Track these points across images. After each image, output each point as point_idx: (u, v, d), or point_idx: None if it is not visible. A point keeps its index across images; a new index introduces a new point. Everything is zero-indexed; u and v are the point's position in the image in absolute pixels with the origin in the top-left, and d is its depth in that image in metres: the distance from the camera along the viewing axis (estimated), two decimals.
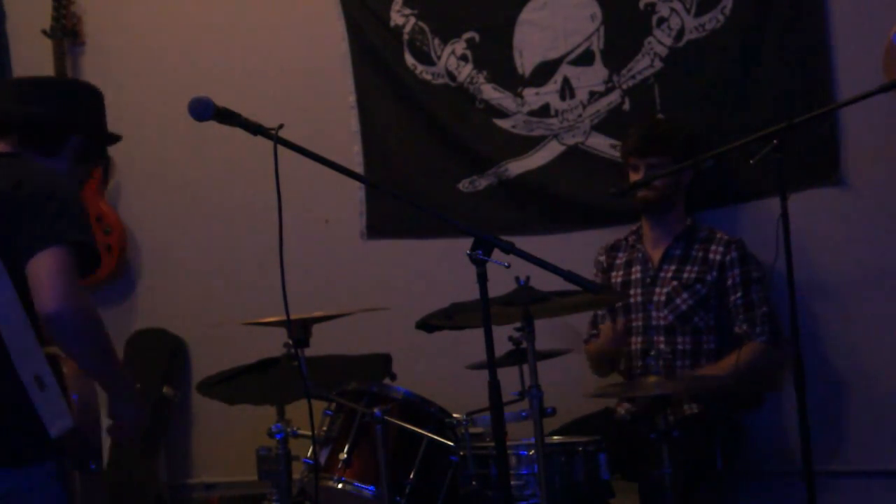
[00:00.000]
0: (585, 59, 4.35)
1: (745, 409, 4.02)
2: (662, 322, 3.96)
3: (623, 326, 3.98)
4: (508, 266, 2.63)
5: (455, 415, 3.40)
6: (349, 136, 4.72)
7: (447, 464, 3.38)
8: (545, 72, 4.41)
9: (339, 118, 4.73)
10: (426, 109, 4.60)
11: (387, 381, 3.74)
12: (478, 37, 4.50)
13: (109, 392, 2.75)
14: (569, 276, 2.62)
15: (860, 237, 4.01)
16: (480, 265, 2.61)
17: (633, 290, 4.03)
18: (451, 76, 4.54)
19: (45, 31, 5.11)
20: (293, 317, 2.73)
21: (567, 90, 4.38)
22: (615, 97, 4.31)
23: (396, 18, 4.61)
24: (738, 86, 4.11)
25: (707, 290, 3.92)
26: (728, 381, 3.76)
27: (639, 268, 4.05)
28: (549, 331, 3.84)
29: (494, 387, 2.66)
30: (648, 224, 4.08)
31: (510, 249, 2.61)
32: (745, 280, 3.91)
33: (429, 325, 3.46)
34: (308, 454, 3.48)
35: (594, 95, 4.34)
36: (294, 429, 3.51)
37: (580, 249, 4.22)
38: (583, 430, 3.70)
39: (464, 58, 4.51)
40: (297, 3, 4.87)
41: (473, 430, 3.37)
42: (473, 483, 3.27)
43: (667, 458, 3.24)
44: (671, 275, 3.98)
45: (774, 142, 3.37)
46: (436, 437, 3.40)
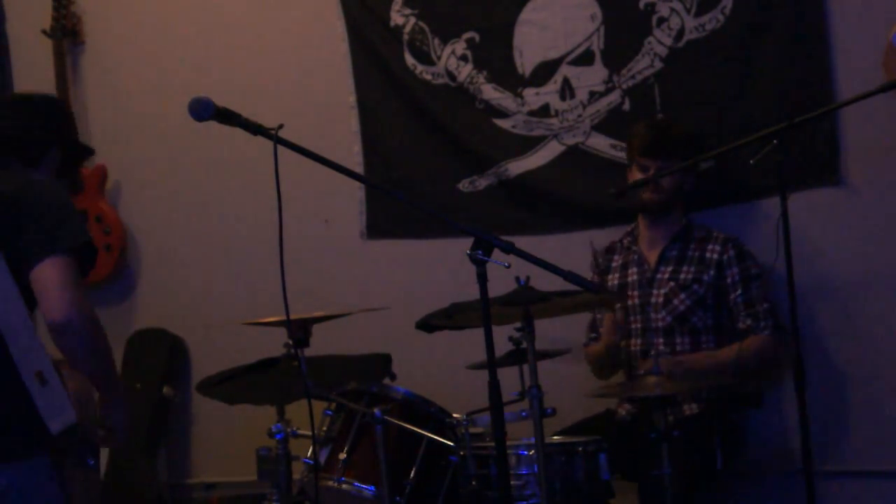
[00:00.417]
0: (585, 59, 4.35)
1: (745, 409, 4.02)
2: (661, 323, 3.96)
3: (623, 316, 3.95)
4: (508, 266, 2.63)
5: (455, 415, 3.40)
6: (349, 136, 4.72)
7: (447, 464, 3.38)
8: (545, 72, 4.41)
9: (339, 118, 4.73)
10: (426, 109, 4.60)
11: (387, 381, 3.74)
12: (478, 37, 4.50)
13: (106, 397, 2.80)
14: (569, 276, 2.62)
15: (860, 237, 4.01)
16: (480, 265, 2.61)
17: (631, 293, 4.02)
18: (451, 76, 4.54)
19: (45, 31, 5.11)
20: (293, 317, 2.74)
21: (567, 90, 4.38)
22: (615, 97, 4.31)
23: (396, 18, 4.61)
24: (738, 86, 4.11)
25: (704, 290, 3.92)
26: (730, 372, 3.76)
27: (635, 270, 4.05)
28: (549, 331, 3.84)
29: (494, 387, 2.66)
30: (645, 225, 4.08)
31: (510, 249, 2.61)
32: (745, 277, 3.91)
33: (429, 325, 3.46)
34: (308, 454, 3.49)
35: (594, 95, 4.34)
36: (294, 429, 3.52)
37: (580, 249, 4.22)
38: (583, 432, 3.70)
39: (464, 58, 4.51)
40: (297, 3, 4.87)
41: (473, 430, 3.37)
42: (473, 483, 3.27)
43: (667, 458, 3.24)
44: (668, 276, 3.98)
45: (774, 142, 3.37)
46: (436, 437, 3.40)
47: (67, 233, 2.66)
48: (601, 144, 4.33)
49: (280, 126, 2.58)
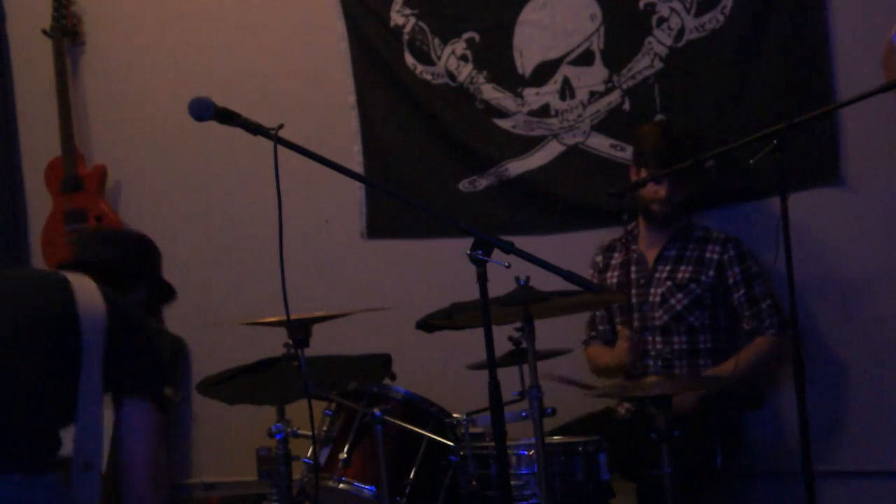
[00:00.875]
0: (585, 59, 4.35)
1: (745, 409, 4.02)
2: (658, 322, 3.96)
3: (637, 340, 3.94)
4: (508, 266, 2.63)
5: (455, 415, 3.40)
6: (349, 136, 4.72)
7: (447, 464, 3.38)
8: (545, 72, 4.41)
9: (339, 118, 4.73)
10: (426, 109, 4.60)
11: (387, 381, 3.74)
12: (478, 37, 4.50)
13: None
14: (569, 276, 2.62)
15: (860, 237, 4.01)
16: (480, 265, 2.61)
17: (629, 291, 4.02)
18: (451, 76, 4.54)
19: (45, 31, 5.11)
20: (293, 317, 2.74)
21: (567, 90, 4.38)
22: (615, 97, 4.31)
23: (396, 18, 4.61)
24: (738, 86, 4.11)
25: (702, 290, 3.93)
26: (734, 379, 3.76)
27: (634, 268, 4.05)
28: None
29: (494, 387, 2.65)
30: (645, 224, 4.08)
31: (510, 249, 2.61)
32: (746, 276, 3.92)
33: (429, 325, 3.46)
34: (308, 454, 3.48)
35: (594, 95, 4.34)
36: (294, 429, 3.52)
37: (580, 249, 4.22)
38: (583, 430, 3.70)
39: (464, 58, 4.51)
40: (297, 3, 4.87)
41: (473, 430, 3.37)
42: (473, 483, 3.27)
43: (667, 458, 3.24)
44: (665, 275, 3.98)
45: (774, 142, 3.36)
46: (436, 437, 3.40)
47: (158, 383, 2.86)
48: (601, 144, 4.34)
49: (280, 126, 2.58)
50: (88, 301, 2.72)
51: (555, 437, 3.58)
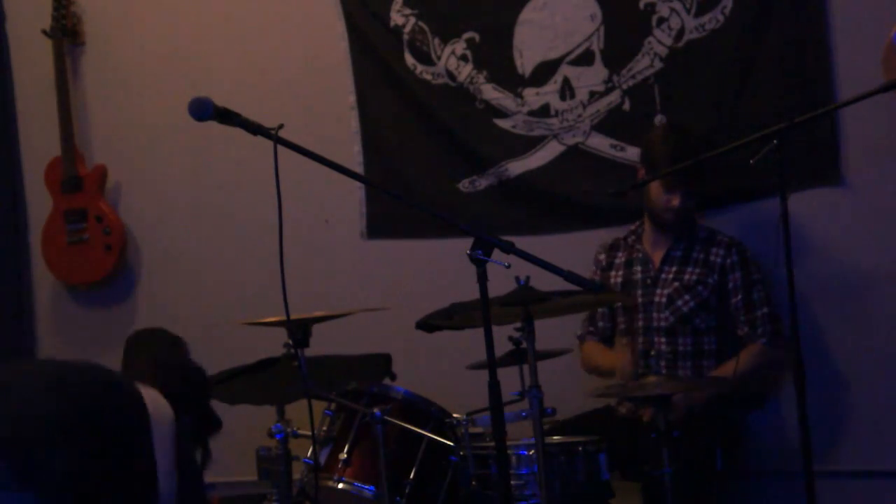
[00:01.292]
0: (585, 59, 4.35)
1: (746, 409, 4.02)
2: (663, 323, 3.96)
3: (635, 361, 3.92)
4: (508, 266, 2.63)
5: (455, 415, 3.40)
6: (349, 136, 4.72)
7: (447, 464, 3.38)
8: (545, 72, 4.41)
9: (339, 118, 4.73)
10: (426, 109, 4.60)
11: (387, 381, 3.74)
12: (478, 37, 4.50)
13: None
14: (569, 276, 2.62)
15: (860, 237, 4.01)
16: (480, 265, 2.61)
17: (634, 291, 4.02)
18: (451, 76, 4.54)
19: (45, 31, 5.11)
20: (293, 317, 2.74)
21: (567, 90, 4.37)
22: (615, 97, 4.31)
23: (396, 18, 4.61)
24: (739, 86, 4.11)
25: (709, 293, 3.92)
26: (733, 382, 3.76)
27: (639, 268, 4.05)
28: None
29: (494, 387, 2.66)
30: (650, 225, 4.07)
31: (510, 249, 2.61)
32: (746, 282, 3.91)
33: (429, 325, 3.46)
34: (308, 454, 3.48)
35: (594, 95, 4.34)
36: (294, 429, 3.52)
37: (580, 249, 4.22)
38: (583, 428, 3.70)
39: (464, 58, 4.51)
40: (297, 3, 4.87)
41: (473, 430, 3.37)
42: (473, 483, 3.27)
43: (667, 458, 3.24)
44: (672, 276, 3.97)
45: (774, 142, 3.36)
46: (436, 437, 3.40)
47: None
48: (601, 144, 4.33)
49: (280, 126, 2.58)
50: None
51: (555, 437, 3.59)
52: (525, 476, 3.26)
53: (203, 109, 2.55)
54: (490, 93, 4.48)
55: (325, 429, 3.53)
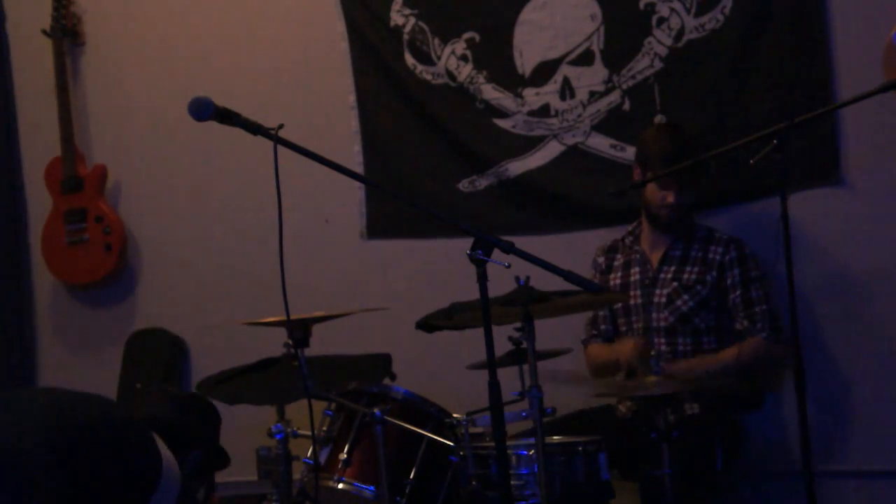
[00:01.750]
0: (585, 59, 4.35)
1: (746, 410, 4.02)
2: (663, 323, 3.96)
3: (644, 345, 3.93)
4: (508, 266, 2.63)
5: (455, 415, 3.39)
6: (349, 136, 4.72)
7: (447, 464, 3.38)
8: (545, 72, 4.41)
9: (339, 118, 4.73)
10: (426, 109, 4.60)
11: (387, 381, 3.74)
12: (478, 37, 4.50)
13: None
14: (569, 276, 2.62)
15: (860, 237, 4.01)
16: (480, 265, 2.62)
17: (633, 292, 4.02)
18: (451, 76, 4.54)
19: (45, 31, 5.11)
20: (293, 317, 2.74)
21: (567, 90, 4.38)
22: (615, 97, 4.31)
23: (396, 18, 4.61)
24: (739, 86, 4.11)
25: (707, 292, 3.92)
26: (729, 373, 3.76)
27: (637, 269, 4.05)
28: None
29: (494, 387, 2.66)
30: (648, 224, 4.07)
31: (510, 249, 2.62)
32: (745, 279, 3.91)
33: (429, 325, 3.46)
34: (308, 454, 3.48)
35: (594, 95, 4.34)
36: (294, 429, 3.52)
37: (580, 249, 4.22)
38: (583, 426, 3.70)
39: (464, 58, 4.51)
40: (297, 4, 4.87)
41: (473, 430, 3.37)
42: (473, 483, 3.27)
43: (667, 458, 3.24)
44: (671, 276, 3.97)
45: (774, 142, 3.36)
46: (436, 437, 3.40)
47: None
48: (601, 144, 4.33)
49: (280, 126, 2.58)
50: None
51: (555, 437, 3.58)
52: (525, 476, 3.26)
53: (203, 109, 2.56)
54: (490, 93, 4.48)
55: (325, 429, 3.52)
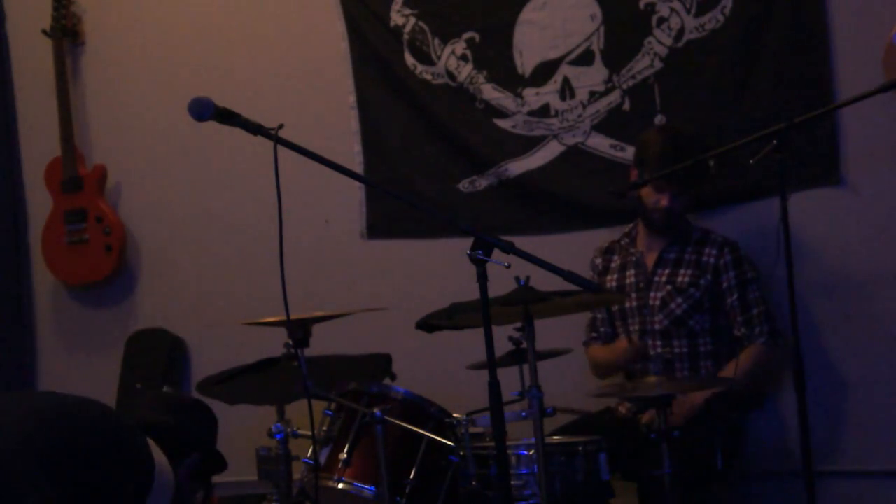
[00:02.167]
0: (585, 59, 4.35)
1: (746, 410, 4.02)
2: (658, 326, 3.95)
3: (639, 345, 3.94)
4: (508, 266, 2.63)
5: (455, 415, 3.40)
6: (349, 136, 4.72)
7: (447, 464, 3.38)
8: (545, 72, 4.41)
9: (339, 118, 4.73)
10: (426, 109, 4.60)
11: (387, 381, 3.74)
12: (478, 37, 4.50)
13: None
14: (569, 276, 2.62)
15: (860, 237, 4.01)
16: (480, 265, 2.62)
17: (629, 295, 4.02)
18: (451, 76, 4.54)
19: (45, 31, 5.11)
20: (293, 317, 2.74)
21: (567, 90, 4.38)
22: (615, 97, 4.31)
23: (396, 18, 4.61)
24: (738, 86, 4.11)
25: (701, 294, 3.92)
26: (733, 383, 3.76)
27: (633, 272, 4.04)
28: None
29: (494, 387, 2.66)
30: (644, 226, 4.06)
31: (510, 249, 2.61)
32: (741, 281, 3.91)
33: (429, 325, 3.46)
34: (308, 454, 3.48)
35: (594, 95, 4.34)
36: (294, 429, 3.52)
37: (580, 249, 4.22)
38: (583, 430, 3.70)
39: (464, 58, 4.51)
40: (297, 3, 4.87)
41: (473, 430, 3.37)
42: (473, 483, 3.27)
43: (667, 458, 3.24)
44: (665, 279, 3.97)
45: (774, 142, 3.36)
46: (436, 437, 3.40)
47: None
48: (601, 144, 4.34)
49: (280, 126, 2.58)
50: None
51: (555, 437, 3.59)
52: (525, 476, 3.26)
53: (203, 109, 2.55)
54: (490, 93, 4.48)
55: (325, 429, 3.52)
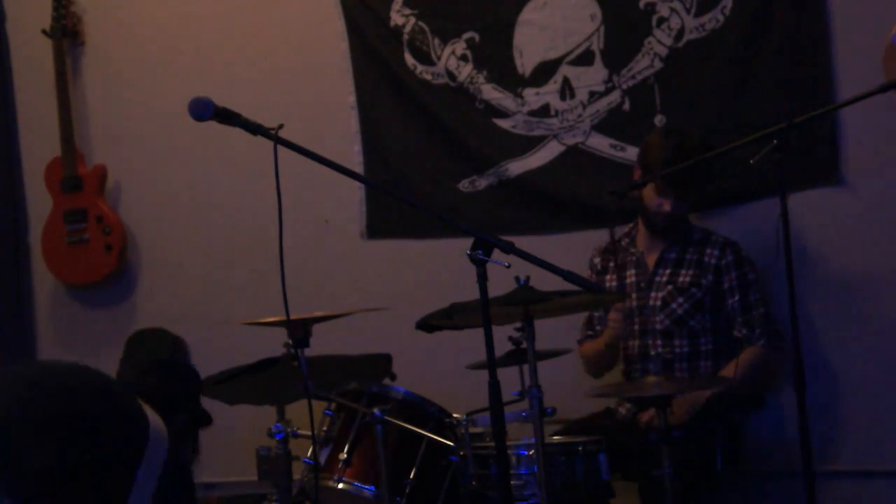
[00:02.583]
0: (585, 59, 4.35)
1: (746, 410, 4.01)
2: (659, 326, 3.95)
3: (629, 314, 3.93)
4: (508, 266, 2.63)
5: (455, 415, 3.40)
6: (349, 136, 4.72)
7: (447, 464, 3.38)
8: (545, 72, 4.41)
9: (339, 118, 4.73)
10: (426, 109, 4.60)
11: (387, 381, 3.74)
12: (478, 37, 4.50)
13: None
14: (569, 276, 2.62)
15: (860, 237, 4.01)
16: (480, 265, 2.61)
17: (629, 295, 4.01)
18: (451, 76, 4.54)
19: (45, 31, 5.11)
20: (293, 317, 2.74)
21: (567, 90, 4.38)
22: (615, 97, 4.31)
23: (396, 18, 4.61)
24: (738, 86, 4.11)
25: (702, 294, 3.92)
26: (733, 383, 3.76)
27: (633, 272, 4.04)
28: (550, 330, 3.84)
29: (494, 387, 2.65)
30: (644, 227, 4.06)
31: (510, 249, 2.61)
32: (742, 283, 3.90)
33: (429, 325, 3.46)
34: (308, 454, 3.48)
35: (594, 95, 4.34)
36: (294, 429, 3.52)
37: (580, 249, 4.22)
38: (583, 431, 3.70)
39: (464, 58, 4.51)
40: (297, 3, 4.87)
41: (473, 430, 3.37)
42: (473, 483, 3.27)
43: (667, 459, 3.24)
44: (666, 279, 3.97)
45: (774, 142, 3.36)
46: (436, 437, 3.40)
47: None
48: (601, 144, 4.33)
49: (280, 126, 2.58)
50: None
51: (555, 437, 3.59)
52: (525, 476, 3.27)
53: (203, 109, 2.55)
54: (490, 93, 4.48)
55: (325, 429, 3.52)
